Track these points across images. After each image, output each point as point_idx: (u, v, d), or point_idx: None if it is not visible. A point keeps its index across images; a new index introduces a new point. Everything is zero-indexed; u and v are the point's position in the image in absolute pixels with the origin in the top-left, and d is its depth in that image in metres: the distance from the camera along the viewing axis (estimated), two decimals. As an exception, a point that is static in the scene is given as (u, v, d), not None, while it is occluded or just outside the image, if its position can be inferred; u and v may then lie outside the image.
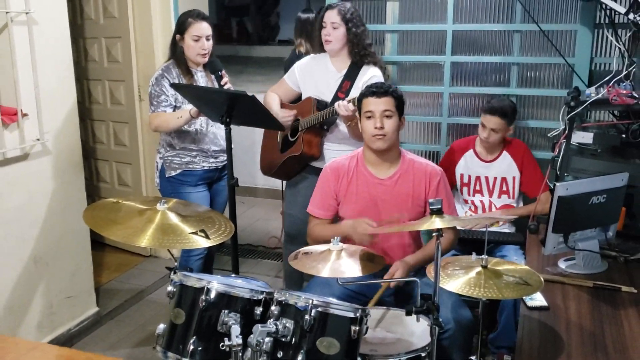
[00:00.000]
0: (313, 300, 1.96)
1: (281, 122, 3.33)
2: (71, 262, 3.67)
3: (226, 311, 2.03)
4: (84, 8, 4.67)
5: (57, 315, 3.61)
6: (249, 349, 1.89)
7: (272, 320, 1.97)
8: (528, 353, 1.99)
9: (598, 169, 2.91)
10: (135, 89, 4.53)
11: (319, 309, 1.95)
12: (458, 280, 2.09)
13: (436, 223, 1.99)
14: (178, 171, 3.41)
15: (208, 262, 3.69)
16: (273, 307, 2.00)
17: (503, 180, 3.40)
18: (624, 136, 2.97)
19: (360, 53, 3.35)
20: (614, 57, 3.36)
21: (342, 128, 3.36)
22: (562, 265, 2.61)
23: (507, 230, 3.41)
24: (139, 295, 4.27)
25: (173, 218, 2.27)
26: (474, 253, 2.23)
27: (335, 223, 2.89)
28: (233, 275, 2.64)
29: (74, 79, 3.61)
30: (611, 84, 2.99)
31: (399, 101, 2.71)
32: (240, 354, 1.88)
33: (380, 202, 2.75)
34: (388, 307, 2.51)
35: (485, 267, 2.14)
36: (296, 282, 3.72)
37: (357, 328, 1.94)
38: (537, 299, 2.29)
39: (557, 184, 2.44)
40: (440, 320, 2.00)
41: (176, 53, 3.37)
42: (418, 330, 2.32)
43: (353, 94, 3.30)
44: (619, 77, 3.04)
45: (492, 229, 3.38)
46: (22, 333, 3.39)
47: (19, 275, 3.34)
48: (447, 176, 3.19)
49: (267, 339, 1.90)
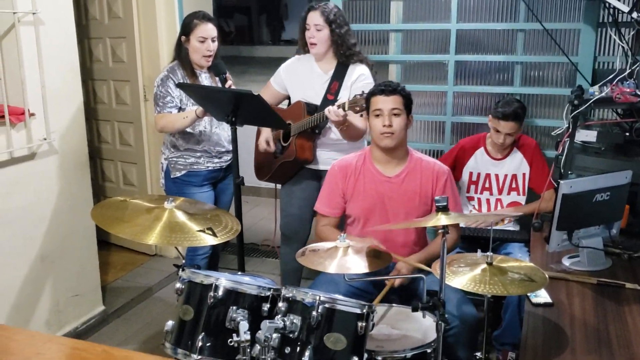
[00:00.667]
0: (320, 296, 1.98)
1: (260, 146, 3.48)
2: (78, 261, 3.70)
3: (234, 307, 2.05)
4: (89, 8, 4.69)
5: (64, 313, 3.63)
6: (257, 345, 1.90)
7: (280, 316, 1.99)
8: (533, 349, 2.00)
9: (602, 167, 2.92)
10: (140, 89, 4.54)
11: (326, 305, 1.97)
12: (463, 277, 2.10)
13: (442, 220, 2.00)
14: (183, 172, 3.43)
15: (213, 261, 3.71)
16: (280, 304, 2.02)
17: (513, 177, 3.40)
18: (628, 134, 2.99)
19: (345, 53, 3.32)
20: (618, 56, 3.36)
21: (334, 131, 3.34)
22: (566, 262, 2.62)
23: (512, 228, 3.42)
24: (145, 293, 4.29)
25: (180, 216, 2.29)
26: (480, 250, 2.25)
27: (343, 221, 2.92)
28: (240, 273, 2.67)
29: (80, 79, 3.62)
30: (615, 83, 3.00)
31: (407, 100, 2.73)
32: (248, 350, 1.89)
33: (387, 200, 2.77)
34: (393, 304, 2.52)
35: (490, 264, 2.15)
36: (294, 283, 3.66)
37: (364, 324, 1.95)
38: (542, 296, 2.30)
39: (562, 182, 2.45)
40: (446, 316, 2.02)
41: (181, 54, 3.38)
42: (423, 326, 2.34)
43: (342, 95, 3.30)
44: (623, 76, 3.05)
45: (497, 227, 3.39)
46: (30, 331, 3.41)
47: (26, 273, 3.36)
48: (454, 177, 3.21)
49: (275, 335, 1.92)
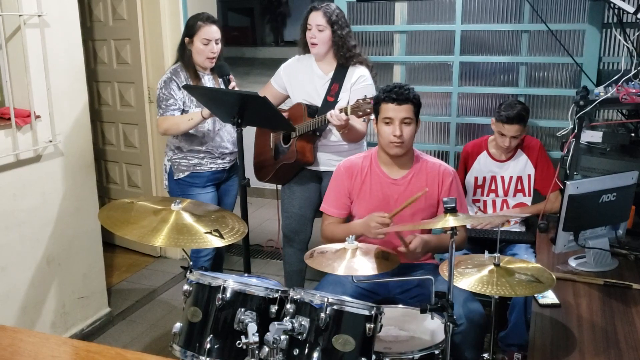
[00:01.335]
0: (328, 298, 1.98)
1: None
2: (83, 263, 3.70)
3: (242, 309, 2.05)
4: (93, 10, 4.70)
5: (70, 315, 3.64)
6: (265, 347, 1.91)
7: (288, 318, 1.99)
8: (541, 350, 2.00)
9: (607, 168, 2.90)
10: (144, 91, 4.55)
11: (334, 307, 1.97)
12: (471, 278, 2.11)
13: (450, 221, 2.01)
14: (186, 173, 3.43)
15: (217, 263, 3.71)
16: (288, 305, 2.02)
17: (519, 178, 3.40)
18: (633, 135, 2.98)
19: (345, 55, 3.33)
20: (623, 56, 3.37)
21: (335, 133, 3.36)
22: (573, 263, 2.62)
23: (517, 229, 3.42)
24: (150, 295, 4.30)
25: (187, 218, 2.30)
26: (487, 251, 2.25)
27: (348, 222, 2.91)
28: (246, 274, 2.67)
29: (85, 81, 3.63)
30: (620, 83, 3.00)
31: (418, 107, 2.71)
32: (256, 352, 1.90)
33: (393, 202, 2.77)
34: (401, 305, 2.53)
35: (497, 265, 2.16)
36: (297, 284, 3.68)
37: (372, 326, 1.96)
38: (549, 297, 2.30)
39: (568, 183, 2.44)
40: (454, 317, 2.02)
41: (184, 56, 3.37)
42: (431, 327, 2.34)
43: (342, 96, 3.32)
44: (628, 77, 3.05)
45: (503, 229, 3.39)
46: (36, 333, 3.41)
47: (33, 275, 3.37)
48: (461, 182, 3.21)
49: (283, 337, 1.93)
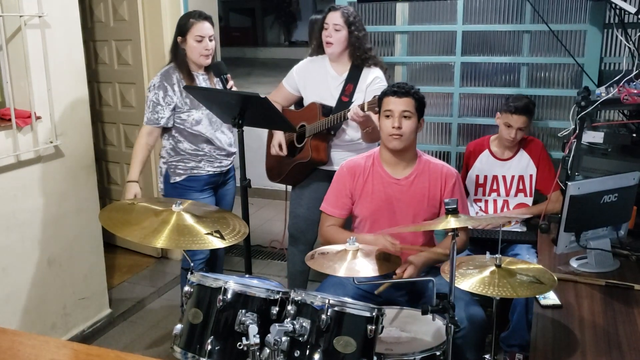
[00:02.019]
0: (329, 299, 1.98)
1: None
2: (84, 264, 3.70)
3: (243, 311, 2.04)
4: (94, 11, 4.70)
5: (71, 316, 3.64)
6: (266, 349, 1.91)
7: (289, 319, 1.99)
8: (543, 351, 2.00)
9: (609, 168, 2.90)
10: (145, 92, 4.53)
11: (336, 308, 1.96)
12: (472, 279, 2.11)
13: (451, 223, 2.00)
14: (183, 177, 3.35)
15: (210, 266, 3.63)
16: (289, 307, 2.02)
17: (520, 178, 3.41)
18: (635, 135, 2.97)
19: (361, 57, 3.36)
20: (624, 57, 3.36)
21: (349, 132, 3.37)
22: (574, 264, 2.62)
23: (519, 229, 3.42)
24: (151, 296, 4.29)
25: (188, 219, 2.29)
26: (488, 252, 2.25)
27: (348, 222, 2.90)
28: (247, 275, 2.66)
29: (86, 82, 3.62)
30: (621, 84, 2.99)
31: (420, 103, 2.70)
32: (257, 354, 1.90)
33: (395, 202, 2.76)
34: (402, 307, 2.52)
35: (499, 266, 2.15)
36: (300, 285, 3.69)
37: (373, 327, 1.95)
38: (551, 298, 2.30)
39: (569, 183, 2.44)
40: (456, 319, 2.02)
41: (178, 56, 3.29)
42: (432, 329, 2.34)
43: (357, 97, 3.33)
44: (630, 77, 3.04)
45: (504, 229, 3.39)
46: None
47: (33, 276, 3.36)
48: (464, 182, 3.20)
49: (284, 338, 1.92)
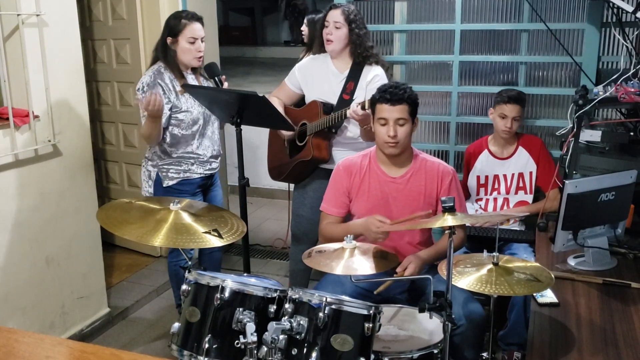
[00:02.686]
0: (327, 297, 1.97)
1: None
2: (83, 263, 3.70)
3: (241, 309, 2.04)
4: (93, 10, 4.70)
5: (70, 315, 3.64)
6: (264, 347, 1.91)
7: (287, 317, 1.99)
8: (539, 349, 2.00)
9: (606, 167, 2.90)
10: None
11: (333, 307, 1.96)
12: (470, 277, 2.11)
13: (448, 220, 2.00)
14: (176, 180, 3.31)
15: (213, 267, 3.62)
16: (287, 305, 2.02)
17: (520, 175, 3.42)
18: (632, 134, 2.98)
19: (362, 54, 3.36)
20: (622, 56, 3.36)
21: (350, 130, 3.38)
22: (572, 262, 2.62)
23: (517, 227, 3.42)
24: (150, 295, 4.29)
25: (186, 218, 2.30)
26: (485, 250, 2.25)
27: (347, 221, 2.91)
28: (245, 274, 2.67)
29: (85, 81, 3.62)
30: (619, 82, 3.00)
31: (414, 106, 2.67)
32: (255, 352, 1.90)
33: (392, 200, 2.77)
34: (400, 305, 2.52)
35: (496, 265, 2.16)
36: (302, 283, 3.71)
37: (371, 325, 1.95)
38: (548, 296, 2.30)
39: (567, 182, 2.44)
40: (453, 317, 2.02)
41: (167, 56, 3.23)
42: (430, 327, 2.34)
43: (358, 95, 3.33)
44: (627, 76, 3.05)
45: (502, 227, 3.40)
46: (35, 333, 3.41)
47: (32, 275, 3.36)
48: (463, 186, 3.20)
49: (282, 336, 1.92)
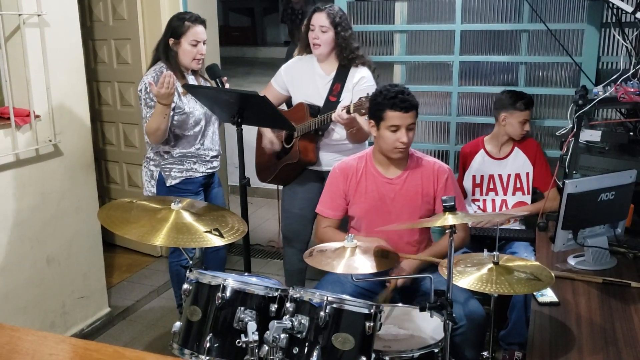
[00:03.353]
0: (328, 296, 1.98)
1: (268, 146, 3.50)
2: (83, 263, 3.70)
3: (242, 308, 2.06)
4: (93, 10, 4.70)
5: (70, 315, 3.64)
6: (265, 346, 1.91)
7: (288, 316, 2.00)
8: (540, 347, 2.01)
9: (606, 167, 2.91)
10: (139, 92, 4.53)
11: (334, 306, 1.98)
12: (470, 276, 2.11)
13: (449, 220, 2.01)
14: (179, 179, 3.31)
15: (218, 266, 3.65)
16: (288, 304, 2.03)
17: (517, 176, 3.43)
18: (632, 134, 2.98)
19: (348, 57, 3.34)
20: (621, 56, 3.37)
21: (338, 132, 3.37)
22: (572, 261, 2.63)
23: (517, 227, 3.43)
24: (150, 295, 4.30)
25: (187, 217, 2.30)
26: (486, 250, 2.26)
27: (344, 223, 2.91)
28: (246, 274, 2.67)
29: (85, 81, 3.63)
30: (619, 83, 3.00)
31: (417, 109, 2.71)
32: (256, 351, 1.90)
33: (389, 201, 2.78)
34: (401, 304, 2.53)
35: (496, 264, 2.16)
36: (297, 284, 3.65)
37: (372, 324, 1.96)
38: (548, 295, 2.31)
39: (567, 182, 2.45)
40: (454, 316, 2.03)
41: (169, 58, 3.23)
42: (431, 326, 2.35)
43: (344, 96, 3.32)
44: (627, 76, 3.05)
45: (502, 227, 3.40)
46: (36, 333, 3.41)
47: (33, 275, 3.37)
48: (459, 184, 3.20)
49: (283, 335, 1.93)
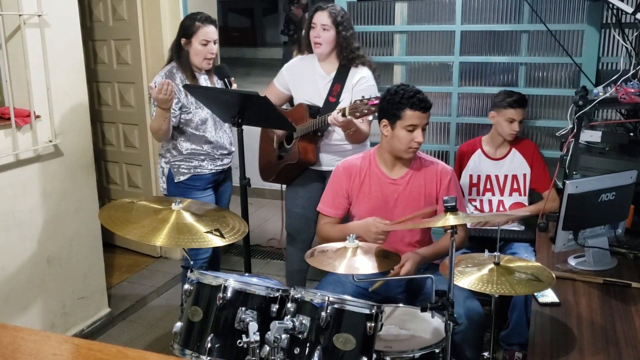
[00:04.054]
0: (329, 297, 1.98)
1: None
2: (84, 263, 3.70)
3: (243, 308, 2.05)
4: (93, 10, 4.70)
5: (70, 315, 3.64)
6: (266, 346, 1.91)
7: (289, 317, 2.00)
8: (541, 348, 2.01)
9: (606, 167, 2.91)
10: (145, 91, 4.55)
11: (335, 306, 1.97)
12: (471, 277, 2.12)
13: (450, 220, 2.01)
14: (187, 176, 3.36)
15: (212, 265, 3.65)
16: (289, 304, 2.03)
17: (514, 177, 3.43)
18: (632, 134, 2.99)
19: (348, 56, 3.35)
20: (621, 57, 3.37)
21: (337, 132, 3.36)
22: (572, 262, 2.63)
23: (517, 227, 3.43)
24: (150, 295, 4.30)
25: (188, 217, 2.31)
26: (487, 250, 2.26)
27: (345, 222, 2.91)
28: (247, 274, 2.67)
29: (86, 81, 3.63)
30: (619, 83, 3.00)
31: None
32: (257, 351, 1.90)
33: (392, 202, 2.78)
34: (401, 305, 2.53)
35: (497, 264, 2.16)
36: (298, 284, 3.66)
37: (373, 324, 1.96)
38: (549, 296, 2.31)
39: (567, 182, 2.45)
40: (455, 316, 2.03)
41: (181, 57, 3.29)
42: (431, 326, 2.35)
43: (344, 97, 3.32)
44: (627, 76, 3.05)
45: (502, 227, 3.40)
46: (36, 333, 3.41)
47: (33, 275, 3.37)
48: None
49: (284, 336, 1.93)
